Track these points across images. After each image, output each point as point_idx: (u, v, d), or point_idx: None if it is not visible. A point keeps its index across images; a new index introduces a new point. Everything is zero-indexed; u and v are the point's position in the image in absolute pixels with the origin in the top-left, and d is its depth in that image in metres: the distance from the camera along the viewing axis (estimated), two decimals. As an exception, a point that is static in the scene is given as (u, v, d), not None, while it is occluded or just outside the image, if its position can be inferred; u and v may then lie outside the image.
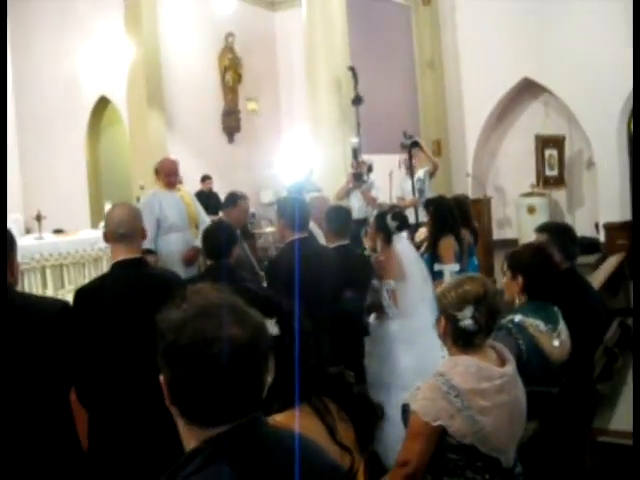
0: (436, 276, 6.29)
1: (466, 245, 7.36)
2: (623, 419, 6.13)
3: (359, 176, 10.05)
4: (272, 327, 2.20)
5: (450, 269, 6.56)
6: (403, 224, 5.99)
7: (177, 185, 7.59)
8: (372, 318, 5.96)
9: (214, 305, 1.57)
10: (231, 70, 13.76)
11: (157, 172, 7.53)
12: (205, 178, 12.09)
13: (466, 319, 2.90)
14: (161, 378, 1.57)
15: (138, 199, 11.40)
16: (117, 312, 3.49)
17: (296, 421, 2.06)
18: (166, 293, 1.66)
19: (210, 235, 5.02)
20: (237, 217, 6.76)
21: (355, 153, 10.43)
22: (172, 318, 1.55)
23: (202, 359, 1.50)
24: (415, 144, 9.85)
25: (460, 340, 2.95)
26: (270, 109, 14.30)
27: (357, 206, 9.71)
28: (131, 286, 3.57)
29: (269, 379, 1.61)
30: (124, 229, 3.64)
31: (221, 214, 7.67)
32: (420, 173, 10.31)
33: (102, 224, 6.45)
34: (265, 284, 5.18)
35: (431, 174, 10.49)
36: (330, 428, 2.20)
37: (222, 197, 7.73)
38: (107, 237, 3.73)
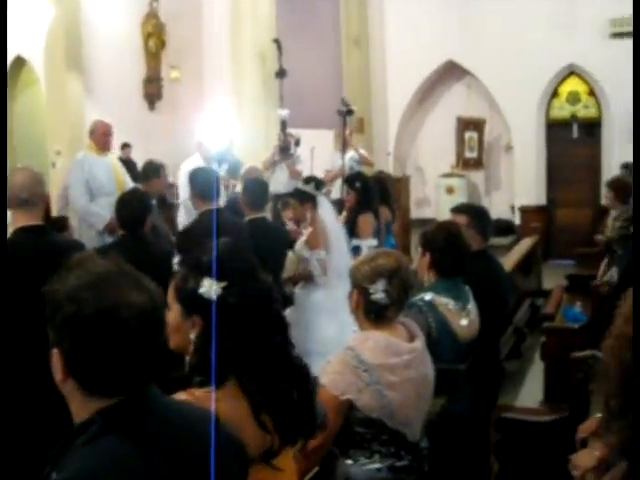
0: (354, 251, 6.34)
1: (384, 223, 7.44)
2: (529, 396, 6.34)
3: (285, 149, 9.97)
4: (213, 292, 2.08)
5: (368, 244, 6.63)
6: (318, 182, 6.08)
7: (108, 149, 7.45)
8: (298, 287, 6.00)
9: (110, 272, 1.55)
10: (154, 36, 13.45)
11: (91, 133, 7.37)
12: (124, 146, 11.84)
13: (378, 292, 2.92)
14: (54, 351, 1.52)
15: (54, 164, 11.10)
16: (16, 280, 3.37)
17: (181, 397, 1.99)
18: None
19: (124, 205, 4.92)
20: (159, 188, 6.70)
21: (283, 125, 10.33)
22: (67, 288, 1.50)
23: (109, 327, 1.47)
24: (350, 112, 9.81)
25: (372, 313, 2.97)
26: (193, 78, 14.05)
27: (282, 180, 9.64)
28: (32, 254, 3.46)
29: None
30: (27, 194, 3.52)
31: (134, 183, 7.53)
32: (356, 154, 10.31)
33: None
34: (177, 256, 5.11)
35: (364, 164, 10.48)
36: (256, 408, 2.08)
37: (140, 166, 7.62)
38: (8, 203, 3.60)
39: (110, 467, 1.45)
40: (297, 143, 10.25)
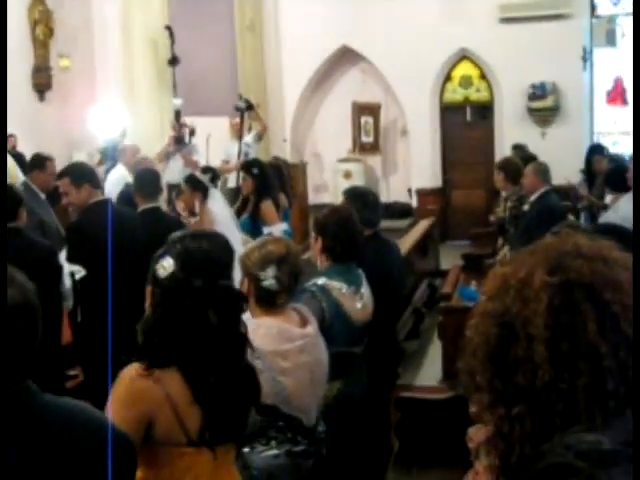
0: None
1: (282, 209, 7.44)
2: (429, 375, 6.48)
3: (180, 139, 9.86)
4: (162, 271, 2.30)
5: (279, 228, 6.61)
6: (214, 175, 6.06)
7: None
8: None
9: None
10: (42, 24, 13.01)
11: None
12: (9, 136, 11.44)
13: (269, 279, 2.93)
14: None
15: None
16: None
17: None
18: None
19: None
20: (45, 180, 6.54)
21: (177, 115, 10.21)
22: None
23: None
24: (250, 107, 9.77)
25: (263, 300, 2.97)
26: (84, 67, 13.68)
27: (177, 170, 9.53)
28: None
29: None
30: None
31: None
32: (248, 138, 10.24)
33: None
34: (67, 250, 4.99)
35: (260, 137, 10.46)
36: (196, 390, 2.22)
37: (28, 158, 7.40)
38: None
39: None
40: (192, 133, 10.16)
